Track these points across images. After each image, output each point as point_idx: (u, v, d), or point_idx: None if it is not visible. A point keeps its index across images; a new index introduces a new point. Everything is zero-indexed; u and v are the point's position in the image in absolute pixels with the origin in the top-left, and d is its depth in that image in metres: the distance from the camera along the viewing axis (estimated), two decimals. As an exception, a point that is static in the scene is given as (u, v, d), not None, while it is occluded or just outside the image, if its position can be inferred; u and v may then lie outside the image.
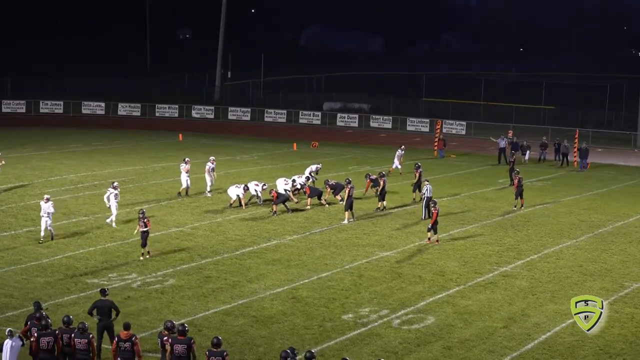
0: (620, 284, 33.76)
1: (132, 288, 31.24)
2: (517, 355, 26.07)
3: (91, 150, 65.14)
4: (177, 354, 21.87)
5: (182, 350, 21.88)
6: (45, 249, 35.73)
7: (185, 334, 22.07)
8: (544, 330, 28.23)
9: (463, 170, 60.93)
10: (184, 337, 21.99)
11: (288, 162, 60.75)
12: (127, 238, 38.00)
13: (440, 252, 37.63)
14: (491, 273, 34.66)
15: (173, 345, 21.94)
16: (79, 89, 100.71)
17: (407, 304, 30.40)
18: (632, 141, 78.69)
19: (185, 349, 21.88)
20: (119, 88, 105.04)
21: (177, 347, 21.89)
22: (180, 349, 21.88)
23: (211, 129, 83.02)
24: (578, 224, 44.31)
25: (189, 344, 21.91)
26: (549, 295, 32.02)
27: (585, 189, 54.66)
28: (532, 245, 39.46)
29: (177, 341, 21.96)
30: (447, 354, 25.94)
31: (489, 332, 27.95)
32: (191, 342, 21.98)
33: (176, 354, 21.88)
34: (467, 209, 46.89)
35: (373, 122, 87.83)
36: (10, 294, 30.15)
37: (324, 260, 35.72)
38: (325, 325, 28.10)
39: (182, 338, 21.98)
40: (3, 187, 48.73)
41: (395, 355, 25.36)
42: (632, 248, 39.54)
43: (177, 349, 21.88)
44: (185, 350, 21.88)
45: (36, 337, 22.25)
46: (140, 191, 49.16)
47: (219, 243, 37.81)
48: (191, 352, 21.91)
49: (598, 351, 26.55)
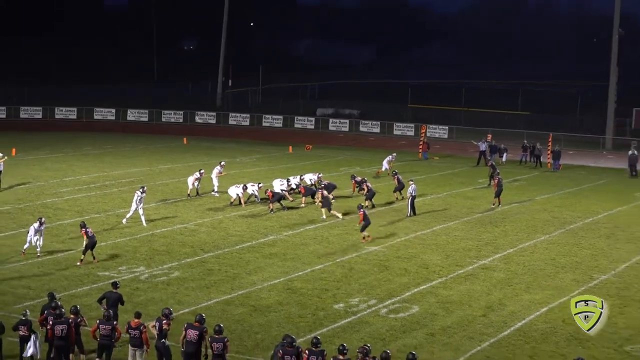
0: (589, 275, 33.83)
1: (140, 280, 31.26)
2: (495, 341, 26.11)
3: (102, 153, 65.08)
4: (189, 339, 21.92)
5: (194, 335, 21.91)
6: (60, 243, 35.71)
7: (202, 323, 22.07)
8: (520, 318, 28.28)
9: (445, 171, 60.98)
10: (199, 325, 21.99)
11: (284, 164, 60.77)
12: (136, 234, 38.03)
13: (424, 246, 37.68)
14: (471, 266, 34.72)
15: (187, 330, 21.99)
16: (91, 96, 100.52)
17: (393, 294, 30.45)
18: (601, 144, 78.91)
19: (197, 335, 21.90)
20: (128, 95, 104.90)
21: (190, 332, 21.92)
22: (192, 334, 21.91)
23: (213, 133, 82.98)
24: (551, 220, 44.39)
25: (201, 332, 21.94)
26: (524, 286, 32.08)
27: (557, 188, 54.74)
28: (509, 240, 39.52)
29: (191, 327, 21.98)
30: (430, 340, 25.97)
31: (468, 320, 28.00)
32: (203, 330, 21.98)
33: (188, 339, 21.92)
34: (448, 207, 46.93)
35: (362, 127, 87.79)
36: (28, 285, 30.18)
37: (317, 254, 35.76)
38: (318, 314, 28.13)
39: (197, 325, 21.99)
40: (21, 187, 48.71)
41: (382, 342, 25.38)
42: (600, 242, 39.62)
43: (190, 334, 21.92)
44: (197, 337, 21.91)
45: (51, 324, 22.36)
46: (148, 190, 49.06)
47: (220, 238, 37.83)
48: (202, 340, 21.94)
49: (569, 337, 26.59)
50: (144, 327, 22.36)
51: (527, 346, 25.81)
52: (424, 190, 50.21)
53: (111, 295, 25.03)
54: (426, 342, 25.76)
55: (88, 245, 32.73)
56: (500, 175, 48.31)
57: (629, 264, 35.84)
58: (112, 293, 25.09)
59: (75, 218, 40.57)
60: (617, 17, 79.28)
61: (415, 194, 44.28)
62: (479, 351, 25.20)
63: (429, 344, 25.66)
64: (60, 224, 39.66)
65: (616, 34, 79.46)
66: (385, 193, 48.56)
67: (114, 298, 24.95)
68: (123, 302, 25.26)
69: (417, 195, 44.77)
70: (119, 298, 25.03)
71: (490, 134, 69.10)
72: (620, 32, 79.56)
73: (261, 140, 78.45)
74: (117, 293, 25.13)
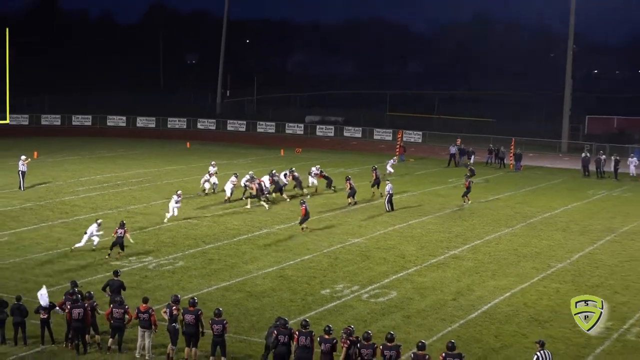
0: (547, 264, 33.90)
1: (148, 269, 31.20)
2: (464, 323, 26.13)
3: (114, 156, 64.91)
4: (187, 322, 21.86)
5: (191, 319, 21.87)
6: (76, 237, 35.52)
7: (195, 305, 22.04)
8: (486, 302, 28.31)
9: (420, 171, 61.02)
10: (194, 309, 21.97)
11: (277, 165, 60.64)
12: (145, 228, 37.96)
13: (401, 238, 37.69)
14: (443, 255, 34.75)
15: (184, 315, 21.94)
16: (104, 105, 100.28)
17: (374, 281, 30.45)
18: (557, 148, 79.13)
19: (194, 319, 21.87)
20: (137, 104, 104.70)
21: (187, 317, 21.88)
22: (189, 318, 21.87)
23: (213, 138, 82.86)
24: (514, 215, 44.46)
25: (197, 314, 21.90)
26: (490, 274, 32.13)
27: (519, 187, 54.82)
28: (476, 232, 39.57)
29: (188, 312, 21.94)
30: (407, 322, 25.98)
31: (440, 304, 28.02)
32: (199, 312, 21.95)
33: (187, 322, 21.87)
34: (423, 203, 46.96)
35: (346, 132, 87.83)
36: (49, 273, 30.09)
37: (306, 245, 35.73)
38: (307, 298, 28.12)
39: (192, 309, 21.96)
40: (42, 186, 48.57)
41: (364, 323, 25.38)
42: (557, 235, 39.71)
43: (187, 318, 21.87)
44: (194, 320, 21.88)
45: (69, 308, 22.38)
46: (155, 189, 49.06)
47: (219, 232, 37.78)
48: (199, 321, 21.92)
49: (530, 319, 26.64)
50: (153, 310, 22.34)
51: (493, 327, 25.84)
52: (401, 189, 50.23)
53: (114, 282, 25.03)
54: (403, 324, 25.77)
55: (114, 242, 32.48)
56: (471, 179, 48.41)
57: (582, 254, 35.92)
58: (115, 280, 25.11)
59: (90, 214, 40.47)
60: (572, 36, 79.57)
61: (392, 192, 44.28)
62: (450, 331, 25.22)
63: (405, 325, 25.67)
64: (77, 219, 39.54)
65: (570, 50, 79.75)
66: (365, 191, 48.52)
67: (116, 285, 24.92)
68: (125, 288, 25.19)
69: (394, 193, 44.76)
70: (121, 284, 25.00)
71: (459, 139, 69.22)
72: (574, 49, 79.87)
73: (256, 144, 78.42)
74: (119, 280, 25.12)
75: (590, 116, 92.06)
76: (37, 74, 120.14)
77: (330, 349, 20.29)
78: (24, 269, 30.65)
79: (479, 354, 23.47)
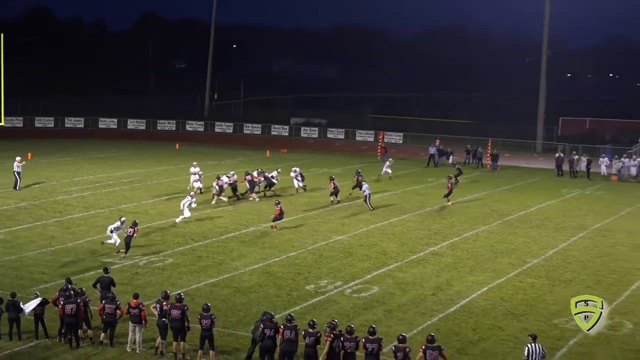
0: (523, 260, 33.95)
1: (139, 266, 31.07)
2: (443, 316, 26.14)
3: (106, 157, 64.63)
4: (174, 317, 21.77)
5: (177, 314, 21.78)
6: (69, 234, 35.46)
7: (181, 301, 21.96)
8: (464, 297, 28.33)
9: (400, 171, 60.98)
10: (180, 305, 21.87)
11: (263, 166, 60.49)
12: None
13: (383, 236, 37.68)
14: (423, 252, 34.76)
15: (171, 310, 21.84)
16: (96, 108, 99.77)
17: (356, 277, 30.42)
18: (532, 148, 79.35)
19: (180, 314, 21.78)
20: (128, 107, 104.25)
21: (173, 312, 21.77)
22: (176, 314, 21.77)
23: (202, 139, 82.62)
24: (490, 213, 44.53)
25: (183, 310, 21.81)
26: (468, 269, 32.15)
27: (496, 186, 54.91)
28: (455, 230, 39.60)
29: (174, 307, 21.83)
30: (388, 316, 25.97)
31: (421, 298, 28.02)
32: (185, 308, 21.86)
33: (173, 317, 21.77)
34: (403, 202, 46.96)
35: (329, 134, 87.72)
36: (43, 271, 29.93)
37: (291, 242, 35.67)
38: (292, 294, 28.06)
39: (179, 305, 21.87)
40: (36, 186, 48.31)
41: (347, 317, 25.34)
42: (532, 232, 39.80)
43: (174, 313, 21.77)
44: (180, 315, 21.79)
45: (62, 304, 22.33)
46: (145, 189, 48.88)
47: (208, 230, 37.66)
48: (185, 317, 21.82)
49: (506, 312, 26.68)
50: (143, 306, 22.27)
51: (471, 320, 25.85)
52: (382, 188, 50.26)
53: (104, 279, 24.87)
54: (385, 318, 25.75)
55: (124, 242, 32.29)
56: (453, 180, 48.31)
57: (556, 250, 36.01)
58: (105, 277, 24.95)
59: (82, 213, 40.31)
60: (546, 41, 79.81)
61: (369, 192, 44.10)
62: (430, 325, 25.21)
63: (387, 319, 25.65)
64: (70, 218, 39.35)
65: (545, 55, 79.96)
66: (346, 192, 48.51)
67: (106, 282, 24.75)
68: (115, 284, 25.04)
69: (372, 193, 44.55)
70: (111, 281, 24.82)
71: (438, 140, 69.28)
72: (548, 54, 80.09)
73: (243, 145, 78.22)
74: (109, 277, 24.95)
75: (564, 118, 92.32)
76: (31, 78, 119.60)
77: (314, 342, 20.27)
78: (19, 267, 30.46)
79: (458, 346, 23.47)
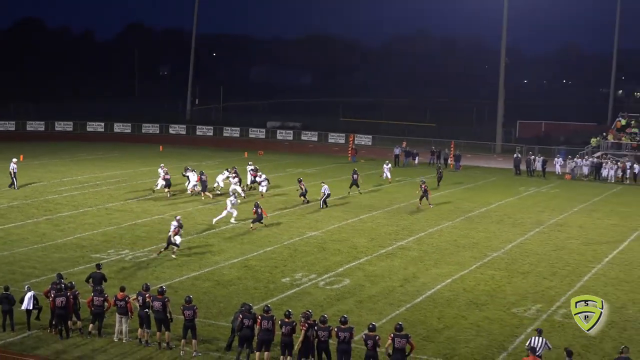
0: (484, 253, 34.16)
1: (125, 260, 30.93)
2: (410, 306, 26.23)
3: (94, 158, 64.24)
4: (156, 309, 21.70)
5: (159, 306, 21.72)
6: (59, 232, 35.23)
7: (163, 294, 21.88)
8: (429, 288, 28.45)
9: (370, 171, 61.01)
10: (162, 297, 21.80)
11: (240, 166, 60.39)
12: (121, 224, 37.61)
13: (354, 231, 37.75)
14: (391, 246, 34.87)
15: (153, 301, 21.77)
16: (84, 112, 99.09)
17: (329, 270, 30.47)
18: (492, 149, 79.79)
19: (161, 305, 21.72)
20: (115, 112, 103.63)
21: (155, 303, 21.70)
22: (157, 305, 21.71)
23: (184, 142, 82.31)
24: (454, 210, 44.73)
25: (164, 302, 21.75)
26: (433, 262, 32.29)
27: (459, 184, 55.18)
28: (421, 226, 39.75)
29: (156, 299, 21.74)
30: (359, 306, 26.03)
31: (389, 290, 28.11)
32: (165, 300, 21.80)
33: (155, 309, 21.70)
34: (372, 200, 47.07)
35: (304, 136, 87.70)
36: (34, 266, 29.72)
37: (268, 238, 35.65)
38: (269, 286, 28.06)
39: (160, 297, 21.79)
40: (28, 186, 47.93)
41: (321, 308, 25.38)
42: (492, 227, 40.03)
43: (156, 305, 21.70)
44: (161, 306, 21.73)
45: (53, 297, 22.20)
46: (131, 188, 48.64)
47: (190, 226, 37.49)
48: (166, 308, 21.76)
49: (469, 302, 26.83)
50: (129, 298, 22.19)
51: (436, 310, 25.98)
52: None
53: (96, 274, 24.77)
54: (356, 308, 25.81)
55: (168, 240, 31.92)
56: (426, 184, 45.72)
57: (515, 244, 36.26)
58: (97, 273, 24.86)
59: (71, 211, 40.06)
60: (504, 49, 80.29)
61: (328, 192, 43.89)
62: (398, 314, 25.30)
63: (358, 309, 25.71)
64: (60, 216, 39.09)
65: (503, 62, 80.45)
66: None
67: (98, 277, 24.66)
68: (106, 279, 24.96)
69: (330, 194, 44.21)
70: (102, 277, 24.75)
71: (405, 141, 69.50)
72: (506, 61, 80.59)
73: (222, 147, 78.01)
74: (100, 273, 24.87)
75: (521, 121, 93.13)
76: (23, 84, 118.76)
77: (290, 331, 20.32)
78: (12, 262, 30.23)
79: (424, 334, 23.57)
